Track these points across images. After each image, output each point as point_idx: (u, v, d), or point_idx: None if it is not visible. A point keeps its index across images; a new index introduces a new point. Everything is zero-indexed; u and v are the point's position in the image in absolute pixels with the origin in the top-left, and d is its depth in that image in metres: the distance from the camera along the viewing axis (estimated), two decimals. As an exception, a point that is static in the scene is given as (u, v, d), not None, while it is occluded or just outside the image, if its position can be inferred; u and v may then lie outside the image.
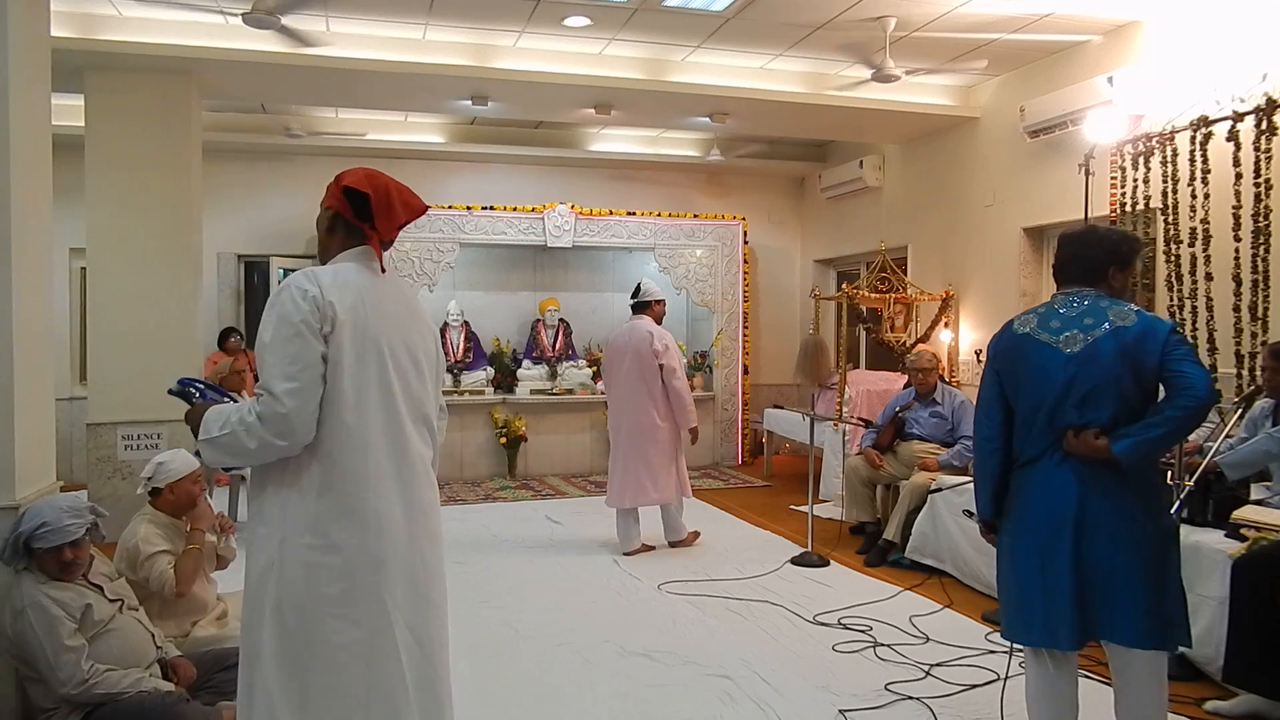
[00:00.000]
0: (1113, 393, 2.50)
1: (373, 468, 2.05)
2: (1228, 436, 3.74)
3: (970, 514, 2.85)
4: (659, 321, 5.71)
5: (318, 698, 1.99)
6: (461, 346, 8.57)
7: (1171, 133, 5.27)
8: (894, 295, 7.42)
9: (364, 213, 2.12)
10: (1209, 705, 3.33)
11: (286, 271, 8.45)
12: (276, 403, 1.94)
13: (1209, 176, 5.02)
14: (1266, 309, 4.76)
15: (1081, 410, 2.51)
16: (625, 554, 5.58)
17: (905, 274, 7.77)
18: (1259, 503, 3.72)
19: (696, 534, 5.91)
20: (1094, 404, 2.51)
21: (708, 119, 7.36)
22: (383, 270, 2.19)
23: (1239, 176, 4.82)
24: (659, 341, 5.54)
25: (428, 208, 2.30)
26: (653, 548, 5.70)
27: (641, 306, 5.73)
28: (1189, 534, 2.66)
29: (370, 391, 2.05)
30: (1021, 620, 2.61)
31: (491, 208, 8.57)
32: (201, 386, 2.33)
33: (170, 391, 2.36)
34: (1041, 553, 2.55)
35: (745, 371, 9.29)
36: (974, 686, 3.53)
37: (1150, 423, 2.46)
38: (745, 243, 9.30)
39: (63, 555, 2.70)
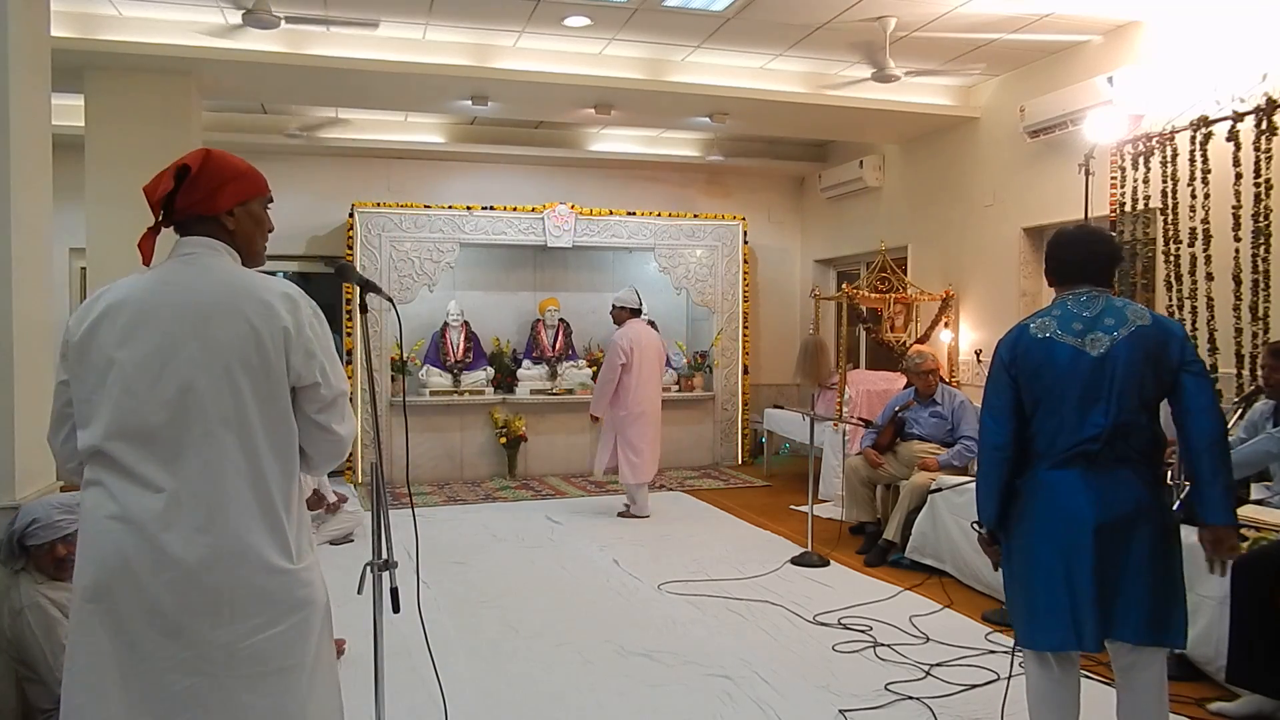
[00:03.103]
0: (1136, 392, 2.52)
1: (111, 489, 1.79)
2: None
3: (977, 525, 2.80)
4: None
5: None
6: (461, 346, 8.56)
7: (1171, 133, 5.27)
8: (894, 295, 7.42)
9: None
10: (1213, 706, 3.33)
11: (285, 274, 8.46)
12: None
13: (1209, 176, 5.02)
14: (1266, 309, 4.76)
15: (1108, 411, 2.51)
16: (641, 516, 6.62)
17: (905, 274, 7.77)
18: (1259, 503, 3.73)
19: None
20: (1120, 404, 2.51)
21: (708, 119, 7.36)
22: (145, 263, 1.93)
23: (1239, 176, 4.82)
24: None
25: (193, 163, 1.94)
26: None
27: (638, 312, 6.72)
28: (1189, 534, 2.65)
29: (121, 421, 1.79)
30: (1045, 625, 2.57)
31: (491, 208, 8.57)
32: None
33: None
34: (1064, 555, 2.52)
35: (745, 371, 9.29)
36: (974, 686, 3.53)
37: (1209, 474, 2.50)
38: (745, 243, 9.30)
39: (56, 552, 2.73)
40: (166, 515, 1.76)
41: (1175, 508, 3.12)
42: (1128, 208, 5.57)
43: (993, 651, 3.90)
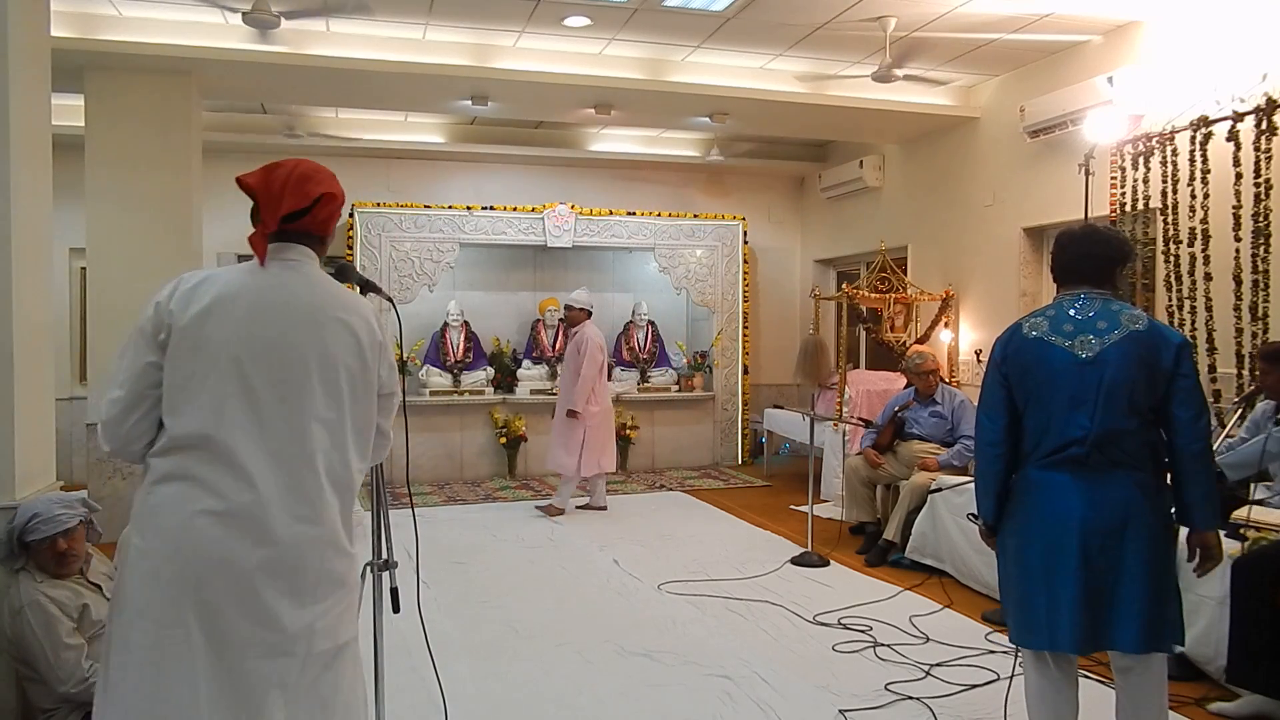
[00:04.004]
0: (1125, 397, 2.50)
1: (197, 488, 1.85)
2: (1228, 437, 3.74)
3: (974, 517, 2.83)
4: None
5: (106, 699, 1.88)
6: (461, 346, 8.57)
7: (1171, 133, 5.27)
8: (894, 295, 7.42)
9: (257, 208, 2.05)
10: (1213, 706, 3.33)
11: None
12: (104, 409, 1.93)
13: (1209, 176, 5.02)
14: (1266, 309, 4.76)
15: (1094, 415, 2.50)
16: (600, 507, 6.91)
17: (905, 274, 7.77)
18: (1259, 503, 3.72)
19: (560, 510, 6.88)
20: (1106, 408, 2.50)
21: (708, 119, 7.36)
22: (261, 264, 2.00)
23: (1239, 176, 4.82)
24: None
25: (329, 192, 2.05)
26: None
27: (590, 314, 6.98)
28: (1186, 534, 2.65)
29: (220, 407, 1.87)
30: (1025, 622, 2.61)
31: (491, 208, 8.57)
32: None
33: None
34: (1047, 555, 2.54)
35: (745, 371, 9.29)
36: (974, 686, 3.53)
37: (1190, 483, 2.51)
38: (745, 243, 9.30)
39: (57, 546, 2.73)
40: (266, 503, 1.86)
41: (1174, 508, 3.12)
42: (1128, 208, 5.57)
43: (993, 651, 3.90)
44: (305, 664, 1.91)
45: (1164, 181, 5.31)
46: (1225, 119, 4.91)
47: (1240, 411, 4.05)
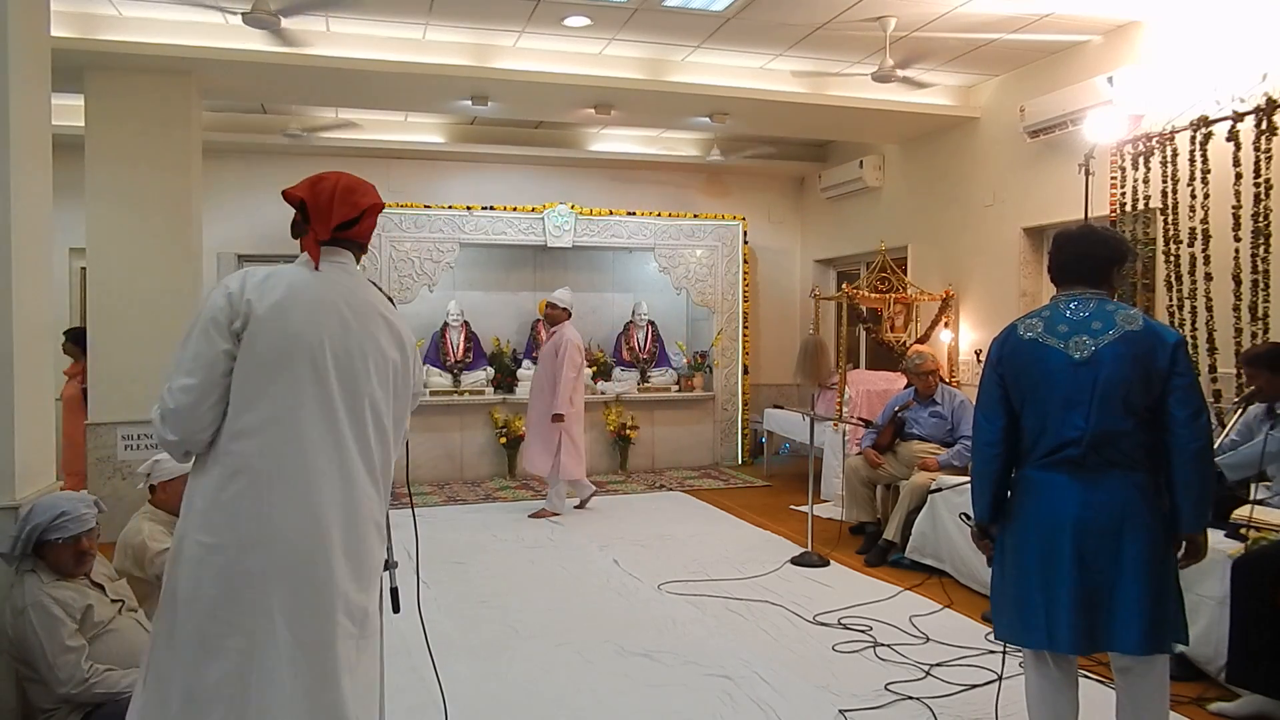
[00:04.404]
0: (1121, 397, 2.49)
1: (276, 472, 1.96)
2: (1227, 437, 3.74)
3: (966, 518, 2.83)
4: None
5: (186, 697, 1.91)
6: (461, 346, 8.57)
7: (1171, 133, 5.27)
8: (894, 295, 7.42)
9: (306, 216, 2.15)
10: (1214, 706, 3.33)
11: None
12: (171, 397, 1.96)
13: (1209, 176, 5.02)
14: (1266, 309, 4.76)
15: (1088, 416, 2.50)
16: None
17: (905, 274, 7.77)
18: (1259, 503, 3.72)
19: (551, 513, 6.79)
20: (1101, 409, 2.49)
21: (708, 119, 7.36)
22: (316, 267, 2.10)
23: (1239, 177, 4.82)
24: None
25: (376, 203, 2.21)
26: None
27: (570, 314, 6.95)
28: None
29: (293, 394, 1.98)
30: (1021, 622, 2.60)
31: (491, 208, 8.57)
32: None
33: None
34: (1043, 555, 2.54)
35: (745, 371, 9.29)
36: (974, 686, 3.53)
37: (1185, 484, 2.49)
38: (745, 243, 9.30)
39: (80, 544, 2.75)
40: (334, 491, 1.99)
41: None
42: (1128, 208, 5.57)
43: (992, 651, 3.89)
44: (360, 646, 2.05)
45: (1164, 181, 5.31)
46: (1225, 119, 4.91)
47: (1240, 412, 4.05)
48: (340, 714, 1.97)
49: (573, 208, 8.71)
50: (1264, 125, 4.72)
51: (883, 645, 4.00)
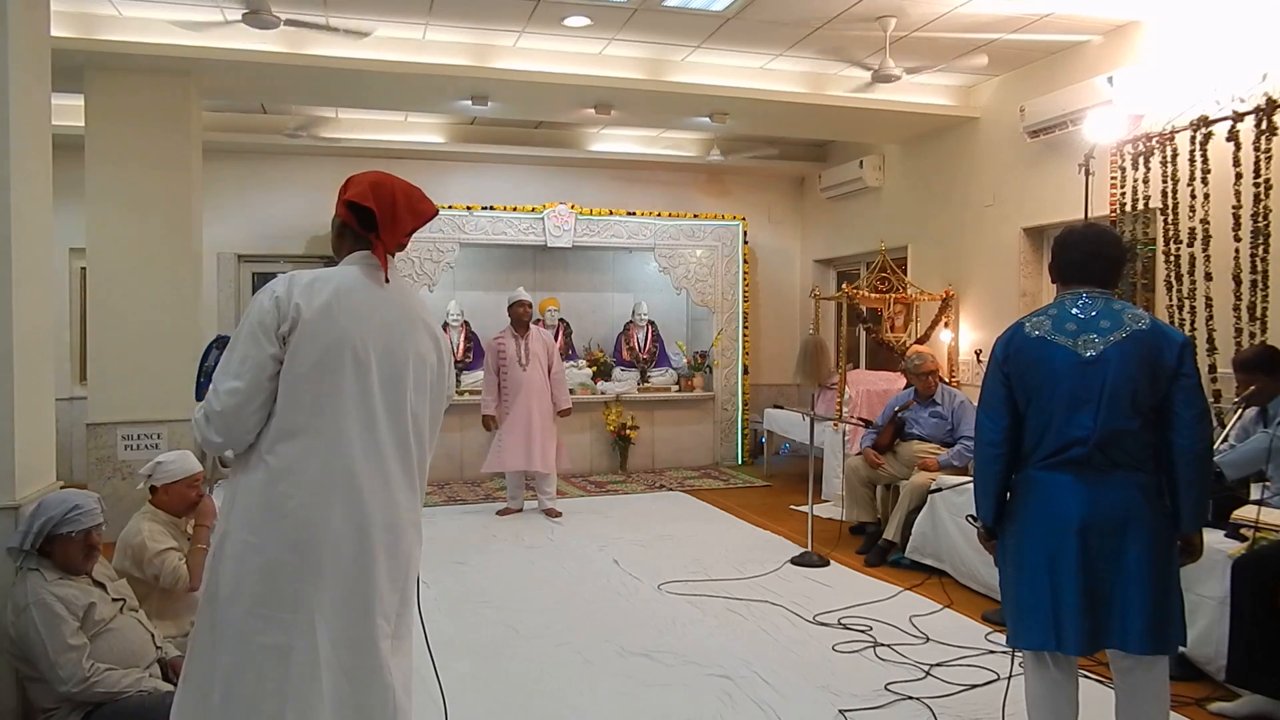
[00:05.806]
0: (1128, 397, 2.49)
1: (321, 473, 2.00)
2: (1224, 439, 3.74)
3: (973, 519, 2.81)
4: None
5: (227, 692, 1.95)
6: (461, 346, 8.57)
7: (1171, 133, 5.27)
8: (894, 295, 7.42)
9: (369, 224, 2.14)
10: (1214, 707, 3.33)
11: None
12: (217, 400, 1.99)
13: (1209, 176, 5.01)
14: (1266, 309, 4.76)
15: (1097, 415, 2.49)
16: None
17: (905, 274, 7.77)
18: (1259, 503, 3.72)
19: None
20: (1110, 408, 2.49)
21: (708, 119, 7.36)
22: (386, 279, 2.16)
23: (1239, 176, 4.82)
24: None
25: (437, 210, 2.29)
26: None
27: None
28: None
29: (338, 396, 2.02)
30: (1026, 623, 2.59)
31: (491, 208, 8.57)
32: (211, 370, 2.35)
33: (210, 345, 2.41)
34: (1049, 556, 2.53)
35: (745, 371, 9.29)
36: (974, 686, 3.53)
37: (1186, 484, 2.49)
38: (745, 243, 9.31)
39: (90, 538, 2.78)
40: (376, 491, 2.04)
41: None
42: (1128, 208, 5.57)
43: (992, 651, 3.90)
44: (395, 646, 2.09)
45: (1164, 181, 5.31)
46: (1225, 119, 4.91)
47: (1240, 413, 4.05)
48: (381, 713, 2.03)
49: (573, 208, 8.71)
50: (1264, 125, 4.72)
51: (883, 645, 4.00)
